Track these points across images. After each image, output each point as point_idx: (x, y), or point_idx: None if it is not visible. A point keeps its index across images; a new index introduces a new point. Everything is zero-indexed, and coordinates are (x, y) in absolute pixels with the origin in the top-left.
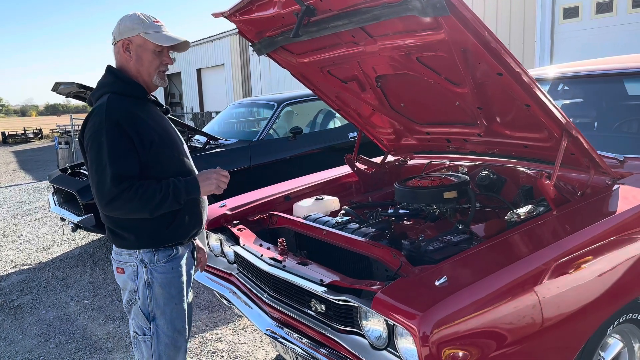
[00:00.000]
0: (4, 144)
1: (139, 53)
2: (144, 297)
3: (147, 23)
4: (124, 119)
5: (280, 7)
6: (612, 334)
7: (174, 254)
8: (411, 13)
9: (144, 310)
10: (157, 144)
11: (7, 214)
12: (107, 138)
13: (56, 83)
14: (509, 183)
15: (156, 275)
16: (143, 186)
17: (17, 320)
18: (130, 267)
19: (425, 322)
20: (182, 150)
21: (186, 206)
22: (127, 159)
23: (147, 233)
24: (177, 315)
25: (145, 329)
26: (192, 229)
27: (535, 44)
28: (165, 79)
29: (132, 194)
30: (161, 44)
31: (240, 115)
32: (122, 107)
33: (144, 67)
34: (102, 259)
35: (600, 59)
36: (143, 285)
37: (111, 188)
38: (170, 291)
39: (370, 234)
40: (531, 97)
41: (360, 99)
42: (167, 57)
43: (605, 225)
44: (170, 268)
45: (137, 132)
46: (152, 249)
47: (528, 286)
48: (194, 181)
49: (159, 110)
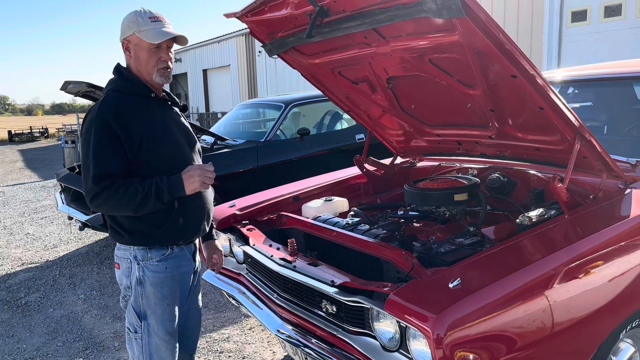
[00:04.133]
0: (11, 142)
1: (136, 52)
2: (136, 294)
3: (141, 21)
4: (114, 118)
5: (293, 7)
6: (624, 339)
7: (169, 254)
8: (426, 15)
9: (135, 307)
10: (148, 144)
11: (14, 212)
12: (94, 137)
13: (65, 82)
14: (520, 186)
15: (148, 274)
16: (125, 185)
17: (24, 318)
18: (125, 263)
19: (439, 324)
20: (182, 150)
21: (180, 208)
22: (111, 158)
23: (140, 231)
24: (169, 317)
25: (137, 326)
26: (186, 232)
27: (543, 48)
28: (166, 76)
29: (113, 192)
30: (150, 41)
31: (247, 116)
32: (115, 105)
33: (142, 65)
34: (109, 258)
35: (610, 62)
36: (135, 282)
37: (92, 186)
38: (162, 291)
39: (381, 236)
40: (545, 99)
41: (370, 101)
42: (164, 54)
43: (617, 229)
44: (163, 267)
45: (126, 131)
46: (145, 246)
47: (539, 290)
48: (177, 180)
49: (169, 110)
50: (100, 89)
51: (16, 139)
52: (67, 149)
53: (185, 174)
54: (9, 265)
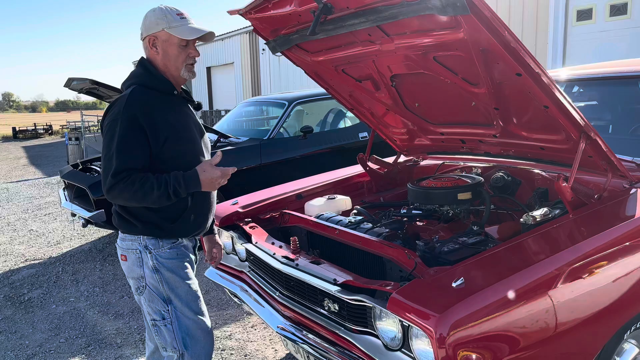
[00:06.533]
0: (15, 139)
1: (164, 48)
2: (155, 282)
3: (170, 17)
4: (141, 113)
5: (297, 4)
6: (628, 339)
7: (178, 242)
8: (431, 12)
9: (158, 294)
10: (172, 140)
11: (18, 209)
12: (120, 129)
13: (69, 79)
14: (524, 185)
15: (162, 261)
16: (141, 180)
17: (27, 314)
18: (134, 254)
19: (442, 324)
20: (199, 148)
21: (193, 205)
22: (134, 153)
23: (153, 223)
24: (193, 298)
25: (164, 312)
26: (195, 229)
27: (547, 46)
28: (193, 72)
29: (129, 185)
30: (185, 37)
31: (251, 114)
32: (142, 100)
33: (170, 61)
34: (112, 254)
35: (615, 61)
36: (150, 270)
37: (110, 178)
38: (180, 273)
39: (383, 234)
40: (550, 98)
41: (374, 98)
42: (193, 50)
43: (622, 229)
44: (175, 254)
45: (152, 126)
46: (156, 237)
47: (543, 290)
48: (193, 176)
49: (186, 106)
50: (104, 85)
51: (20, 135)
52: (70, 145)
53: (205, 175)
54: (12, 262)
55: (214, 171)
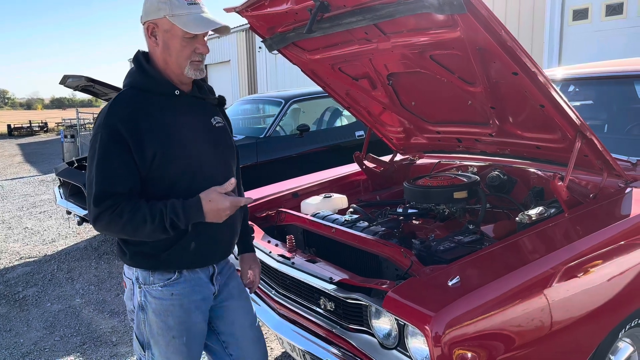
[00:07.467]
0: (10, 136)
1: (165, 40)
2: (139, 320)
3: (175, 2)
4: (123, 124)
5: (294, 2)
6: (623, 338)
7: (175, 279)
8: (427, 10)
9: (138, 335)
10: (163, 156)
11: (13, 207)
12: (99, 146)
13: (64, 76)
14: (520, 184)
15: (150, 300)
16: (132, 209)
17: (22, 312)
18: (129, 283)
19: (438, 323)
20: (204, 165)
21: (193, 232)
22: (117, 173)
23: (142, 251)
24: (174, 351)
25: (141, 356)
26: (199, 258)
27: (543, 46)
28: (200, 70)
29: (116, 217)
30: (190, 31)
31: (247, 112)
32: (129, 107)
33: (172, 56)
34: (107, 252)
35: (611, 61)
36: (137, 307)
37: (92, 207)
38: (166, 321)
39: (380, 233)
40: (546, 97)
41: (370, 97)
42: (201, 44)
43: (617, 228)
44: (168, 294)
45: (138, 140)
46: (147, 269)
47: (538, 289)
48: (195, 205)
49: (197, 108)
50: (100, 83)
51: (15, 133)
52: (66, 143)
53: (205, 199)
54: (7, 260)
55: (223, 201)
